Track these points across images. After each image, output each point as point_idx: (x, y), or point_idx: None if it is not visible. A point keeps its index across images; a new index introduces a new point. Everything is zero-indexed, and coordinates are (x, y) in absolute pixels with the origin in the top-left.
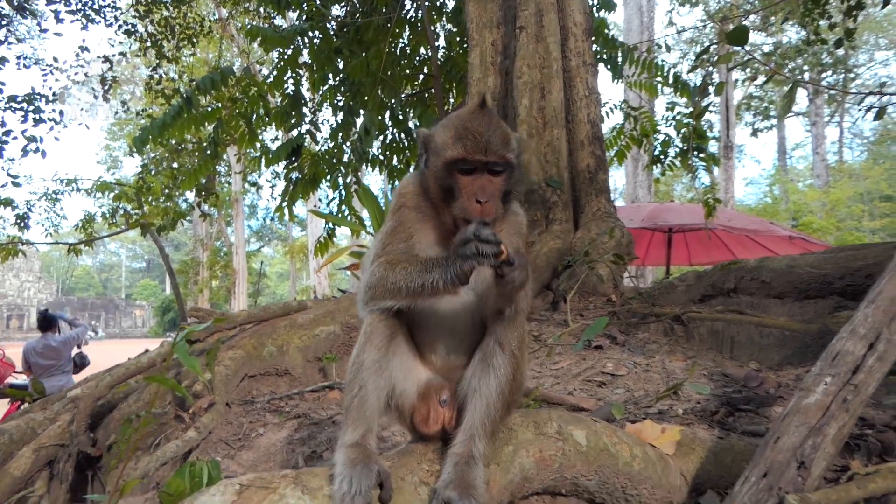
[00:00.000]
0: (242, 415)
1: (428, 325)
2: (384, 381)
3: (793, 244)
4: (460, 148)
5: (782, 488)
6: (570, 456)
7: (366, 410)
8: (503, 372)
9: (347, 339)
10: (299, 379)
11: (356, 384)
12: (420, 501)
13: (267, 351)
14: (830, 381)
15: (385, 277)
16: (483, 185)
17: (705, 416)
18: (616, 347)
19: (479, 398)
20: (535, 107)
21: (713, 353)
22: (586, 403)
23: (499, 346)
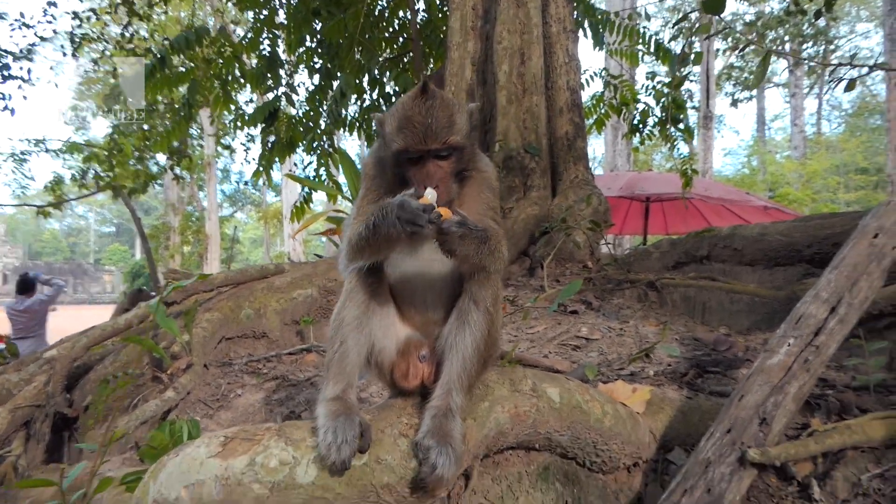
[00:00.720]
0: (220, 376)
1: (407, 284)
2: (364, 338)
3: (768, 214)
4: (401, 139)
5: (745, 443)
6: (543, 412)
7: (346, 366)
8: (478, 328)
9: (325, 303)
10: (276, 342)
11: (337, 340)
12: (399, 452)
13: (244, 313)
14: (793, 342)
15: (354, 238)
16: (430, 172)
17: (675, 377)
18: (591, 312)
19: (456, 353)
20: (514, 73)
21: (685, 319)
22: (561, 366)
23: (474, 304)
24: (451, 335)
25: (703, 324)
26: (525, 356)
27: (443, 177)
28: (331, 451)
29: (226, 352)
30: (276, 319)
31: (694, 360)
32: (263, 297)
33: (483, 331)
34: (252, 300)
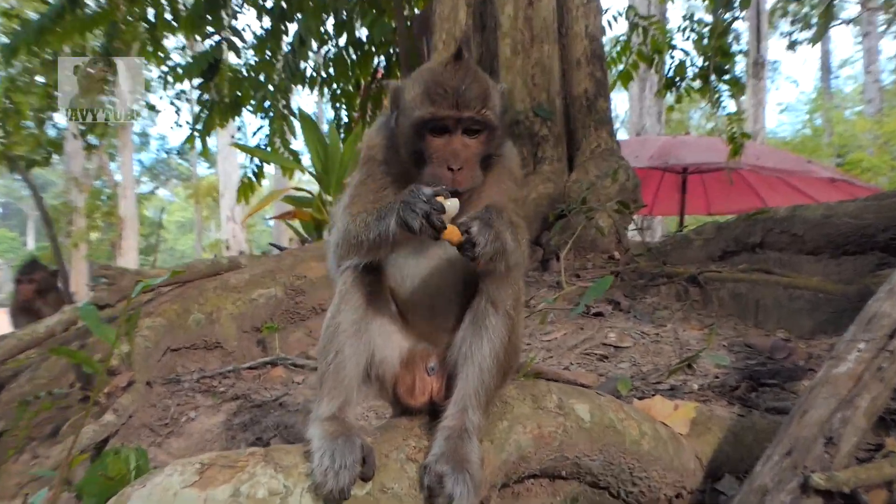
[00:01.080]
0: (167, 396)
1: (411, 284)
2: (363, 346)
3: (835, 188)
4: (429, 105)
5: (807, 467)
6: (571, 433)
7: (343, 379)
8: (497, 335)
9: (292, 305)
10: (233, 353)
11: (332, 349)
12: (408, 480)
13: (193, 319)
14: (864, 347)
15: (349, 231)
16: (456, 149)
17: (724, 391)
18: (620, 314)
19: (471, 365)
20: (520, 16)
21: (734, 320)
22: (585, 379)
23: (491, 306)
24: (465, 343)
25: (756, 326)
26: (542, 368)
27: (469, 158)
28: (328, 477)
29: (172, 366)
30: (233, 326)
31: (746, 370)
32: (216, 299)
33: (502, 337)
34: (202, 302)
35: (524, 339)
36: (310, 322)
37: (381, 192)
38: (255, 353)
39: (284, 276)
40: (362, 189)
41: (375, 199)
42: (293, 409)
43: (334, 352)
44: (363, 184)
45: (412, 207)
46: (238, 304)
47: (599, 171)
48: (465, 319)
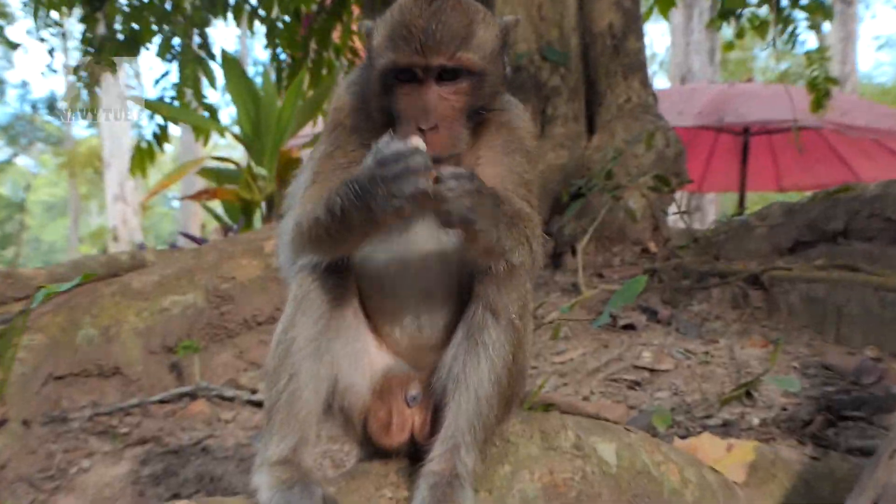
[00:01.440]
0: (51, 438)
1: (387, 286)
2: (324, 369)
3: None
4: (392, 50)
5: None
6: (592, 480)
7: (298, 411)
8: (499, 352)
9: (216, 317)
10: (138, 381)
11: (284, 373)
12: None
13: (83, 336)
14: None
15: (307, 219)
16: (428, 102)
17: (793, 427)
18: (657, 327)
19: (465, 391)
20: None
21: (808, 334)
22: (612, 412)
23: (491, 315)
24: (457, 364)
25: (837, 341)
26: (555, 398)
27: (447, 114)
28: None
29: (56, 399)
30: (137, 345)
31: (822, 399)
32: (114, 309)
33: (505, 356)
34: (95, 313)
35: (531, 359)
36: (241, 339)
37: (351, 167)
38: (168, 382)
39: (206, 278)
40: (327, 164)
41: (346, 175)
42: (221, 455)
43: (287, 376)
44: (329, 157)
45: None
46: (144, 316)
47: (629, 135)
48: (458, 333)
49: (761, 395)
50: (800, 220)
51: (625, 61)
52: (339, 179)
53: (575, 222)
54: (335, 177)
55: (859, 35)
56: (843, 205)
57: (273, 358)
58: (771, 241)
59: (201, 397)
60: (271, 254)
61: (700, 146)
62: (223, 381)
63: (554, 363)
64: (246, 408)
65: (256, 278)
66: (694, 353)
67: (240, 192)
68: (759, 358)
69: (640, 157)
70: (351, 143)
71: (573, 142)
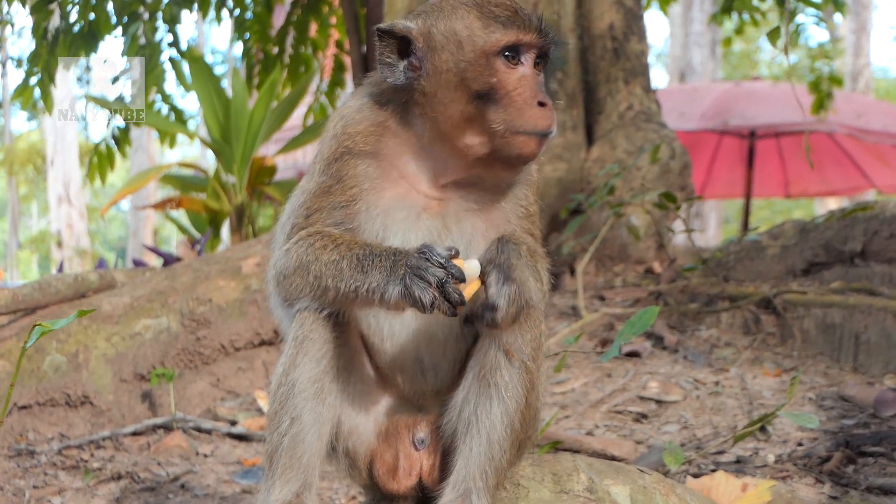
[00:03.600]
0: (17, 474)
1: (385, 329)
2: (327, 411)
3: None
4: (502, 28)
5: None
6: None
7: (301, 454)
8: (512, 394)
9: (192, 343)
10: (109, 412)
11: (285, 416)
12: None
13: (50, 363)
14: None
15: (306, 265)
16: (538, 81)
17: (811, 464)
18: (663, 354)
19: (476, 435)
20: None
21: (825, 362)
22: (618, 448)
23: (504, 356)
24: (467, 406)
25: (855, 370)
26: (559, 434)
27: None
28: None
29: (21, 431)
30: (108, 372)
31: (841, 434)
32: (82, 334)
33: (518, 398)
34: (63, 339)
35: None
36: (218, 366)
37: (354, 203)
38: (141, 412)
39: (180, 301)
40: (323, 201)
41: (344, 216)
42: (201, 493)
43: (289, 419)
44: (326, 193)
45: (422, 274)
46: (114, 342)
47: (632, 146)
48: (469, 373)
49: (776, 430)
50: (814, 239)
51: (626, 65)
52: (334, 222)
53: (574, 240)
54: (331, 218)
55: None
56: (861, 224)
57: (274, 401)
58: (784, 262)
59: (177, 429)
60: (250, 274)
61: (702, 150)
62: (200, 411)
63: (555, 394)
64: (225, 441)
65: (234, 301)
66: (703, 383)
67: (207, 202)
68: (772, 389)
69: (644, 169)
70: (355, 177)
71: (572, 153)
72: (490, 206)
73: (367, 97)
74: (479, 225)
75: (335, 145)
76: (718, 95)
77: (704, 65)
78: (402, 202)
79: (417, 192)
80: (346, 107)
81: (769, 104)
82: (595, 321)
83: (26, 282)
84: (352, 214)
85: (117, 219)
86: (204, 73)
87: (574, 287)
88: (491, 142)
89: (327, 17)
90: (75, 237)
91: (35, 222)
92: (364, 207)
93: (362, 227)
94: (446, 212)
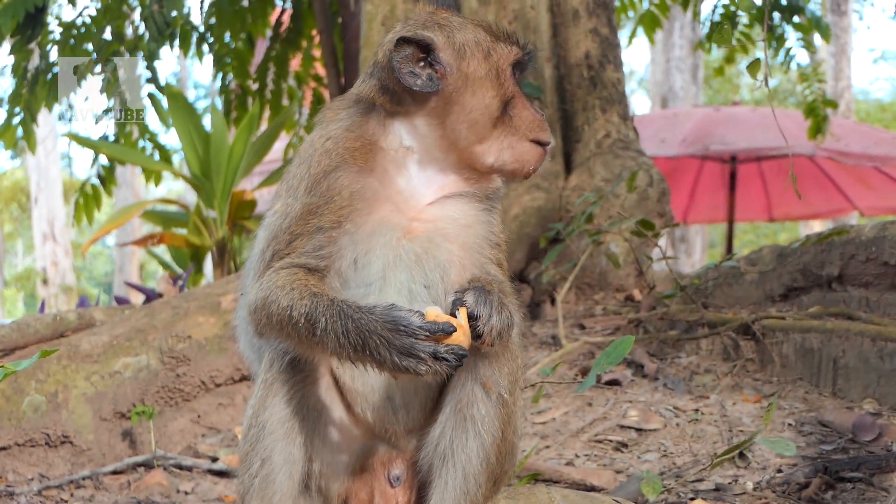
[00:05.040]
0: None
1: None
2: (298, 450)
3: None
4: (517, 45)
5: None
6: None
7: (272, 495)
8: (488, 428)
9: (172, 380)
10: (89, 451)
11: (256, 458)
12: None
13: (29, 403)
14: None
15: (287, 307)
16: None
17: (789, 490)
18: (643, 382)
19: (452, 469)
20: None
21: (804, 387)
22: (598, 478)
23: (481, 389)
24: (444, 440)
25: (834, 395)
26: (538, 464)
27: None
28: None
29: (0, 471)
30: (87, 412)
31: (820, 459)
32: (62, 373)
33: (495, 432)
34: (42, 378)
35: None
36: (198, 402)
37: (339, 226)
38: (122, 451)
39: (159, 338)
40: (310, 223)
41: (327, 239)
42: None
43: (260, 460)
44: (313, 214)
45: (411, 352)
46: (94, 381)
47: (610, 173)
48: (446, 407)
49: (755, 456)
50: (792, 264)
51: (603, 94)
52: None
53: (554, 269)
54: (312, 244)
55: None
56: (838, 248)
57: (245, 443)
58: (762, 287)
59: (158, 467)
60: (229, 310)
61: (684, 175)
62: (180, 448)
63: (535, 423)
64: (206, 478)
65: (214, 337)
66: (683, 411)
67: (188, 237)
68: (751, 415)
69: (622, 197)
70: (346, 196)
71: (550, 182)
72: (466, 232)
73: (354, 114)
74: (455, 251)
75: (326, 161)
76: (699, 121)
77: (686, 89)
78: (384, 225)
79: (401, 214)
80: (334, 124)
81: (750, 128)
82: (575, 350)
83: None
84: (335, 237)
85: (103, 255)
86: (183, 110)
87: (554, 316)
88: (510, 149)
89: (308, 51)
90: (61, 274)
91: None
92: (350, 229)
93: (342, 252)
94: (426, 236)
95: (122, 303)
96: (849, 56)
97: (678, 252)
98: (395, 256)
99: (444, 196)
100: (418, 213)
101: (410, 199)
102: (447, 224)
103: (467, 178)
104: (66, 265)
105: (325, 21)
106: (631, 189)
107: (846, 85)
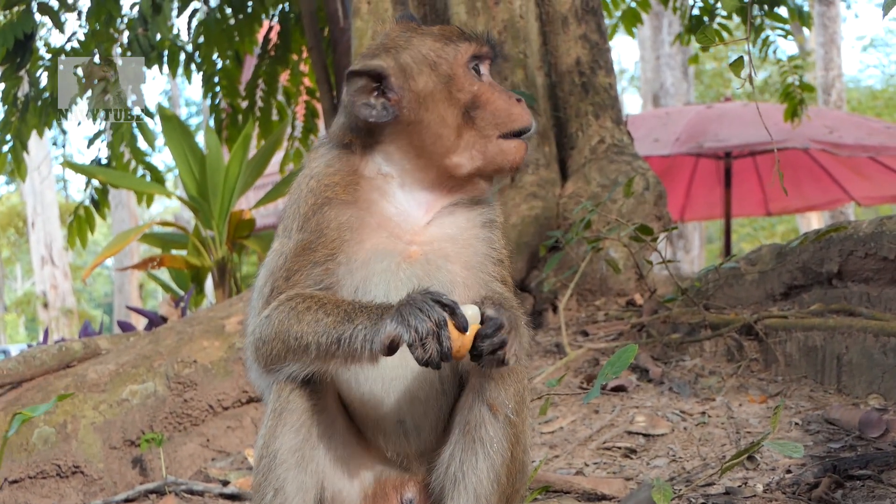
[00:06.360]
0: None
1: (365, 392)
2: (310, 479)
3: None
4: (470, 42)
5: None
6: None
7: None
8: (497, 449)
9: (180, 405)
10: (100, 480)
11: (269, 488)
12: None
13: (39, 435)
14: None
15: (287, 329)
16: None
17: (800, 492)
18: (649, 387)
19: (464, 490)
20: None
21: (809, 385)
22: (608, 487)
23: (488, 411)
24: (454, 462)
25: (839, 392)
26: (548, 476)
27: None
28: None
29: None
30: (97, 441)
31: (828, 458)
32: (69, 404)
33: (504, 453)
34: (50, 410)
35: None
36: (207, 426)
37: (334, 257)
38: (133, 479)
39: (165, 364)
40: (306, 258)
41: (325, 272)
42: None
43: (273, 490)
44: (308, 249)
45: (423, 307)
46: (102, 410)
47: (606, 179)
48: (455, 429)
49: (764, 457)
50: (792, 263)
51: (595, 99)
52: (314, 281)
53: (555, 277)
54: (311, 278)
55: (843, 36)
56: (837, 245)
57: (258, 473)
58: (763, 286)
59: (169, 493)
60: (233, 333)
61: (679, 173)
62: (191, 473)
63: (543, 433)
64: (218, 501)
65: (219, 360)
66: (690, 414)
67: (188, 259)
68: (758, 416)
69: (619, 202)
70: (336, 229)
71: (546, 190)
72: (467, 251)
73: (333, 149)
74: (458, 272)
75: (312, 199)
76: (691, 119)
77: (677, 86)
78: (381, 252)
79: (396, 240)
80: (315, 162)
81: (742, 124)
82: (579, 357)
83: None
84: (332, 269)
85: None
86: (177, 131)
87: (557, 324)
88: (481, 154)
89: (297, 66)
90: (61, 297)
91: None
92: (344, 260)
93: (341, 283)
94: (426, 259)
95: (126, 328)
96: (838, 45)
97: (676, 248)
98: (396, 282)
99: (440, 214)
100: (415, 235)
101: (403, 223)
102: (446, 244)
103: (452, 188)
104: (65, 288)
105: (315, 37)
106: (627, 195)
107: (837, 74)
